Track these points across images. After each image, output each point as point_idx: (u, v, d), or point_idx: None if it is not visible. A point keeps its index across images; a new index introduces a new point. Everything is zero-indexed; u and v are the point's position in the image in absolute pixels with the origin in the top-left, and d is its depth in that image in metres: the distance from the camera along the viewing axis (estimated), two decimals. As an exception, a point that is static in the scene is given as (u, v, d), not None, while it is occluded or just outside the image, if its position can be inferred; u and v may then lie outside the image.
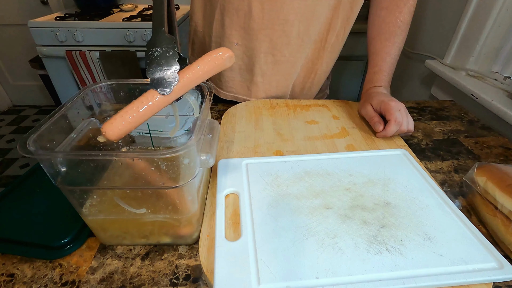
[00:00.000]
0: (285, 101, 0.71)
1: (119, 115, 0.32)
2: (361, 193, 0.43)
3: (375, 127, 0.57)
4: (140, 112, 0.33)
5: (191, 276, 0.35)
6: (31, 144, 0.29)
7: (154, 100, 0.33)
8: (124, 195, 0.34)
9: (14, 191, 0.43)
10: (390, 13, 0.64)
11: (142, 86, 0.43)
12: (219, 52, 0.35)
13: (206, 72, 0.35)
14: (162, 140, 0.46)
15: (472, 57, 0.94)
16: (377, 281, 0.32)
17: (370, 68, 0.66)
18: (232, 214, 0.40)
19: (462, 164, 0.54)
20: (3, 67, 2.29)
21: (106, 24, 1.53)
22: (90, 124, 0.40)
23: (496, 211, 0.39)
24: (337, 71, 1.75)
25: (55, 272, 0.35)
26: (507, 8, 0.83)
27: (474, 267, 0.33)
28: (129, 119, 0.32)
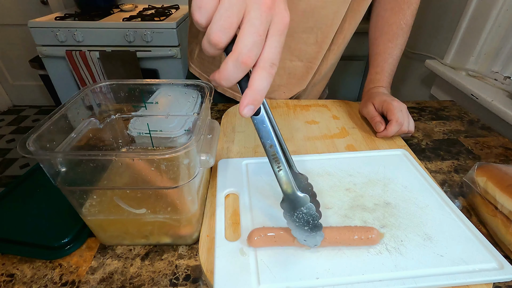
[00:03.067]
0: (285, 101, 0.71)
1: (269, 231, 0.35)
2: (361, 193, 0.43)
3: (377, 127, 0.57)
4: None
5: (191, 276, 0.35)
6: (31, 144, 0.29)
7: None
8: (124, 195, 0.34)
9: (14, 191, 0.43)
10: (394, 14, 0.64)
11: (142, 86, 0.43)
12: (372, 234, 0.35)
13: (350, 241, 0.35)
14: (162, 140, 0.46)
15: (472, 57, 0.94)
16: (377, 281, 0.32)
17: (371, 68, 0.66)
18: (232, 214, 0.40)
19: (462, 164, 0.54)
20: (3, 67, 2.29)
21: (106, 24, 1.53)
22: (90, 124, 0.40)
23: (496, 211, 0.39)
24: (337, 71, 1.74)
25: (55, 272, 0.35)
26: (507, 8, 0.83)
27: (474, 267, 0.33)
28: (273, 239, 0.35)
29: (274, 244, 0.35)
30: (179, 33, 1.56)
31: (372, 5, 0.68)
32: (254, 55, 0.26)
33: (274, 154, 0.30)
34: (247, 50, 0.25)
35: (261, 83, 0.27)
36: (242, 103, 0.27)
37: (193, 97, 0.44)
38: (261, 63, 0.26)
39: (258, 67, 0.27)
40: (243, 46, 0.25)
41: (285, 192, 0.32)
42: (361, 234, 0.34)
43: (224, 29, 0.25)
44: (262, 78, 0.27)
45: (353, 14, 0.65)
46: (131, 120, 0.45)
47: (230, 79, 0.27)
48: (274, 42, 0.27)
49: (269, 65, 0.27)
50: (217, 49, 0.27)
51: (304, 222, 0.32)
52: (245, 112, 0.27)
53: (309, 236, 0.33)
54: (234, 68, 0.26)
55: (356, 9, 0.64)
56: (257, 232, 0.35)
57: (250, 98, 0.27)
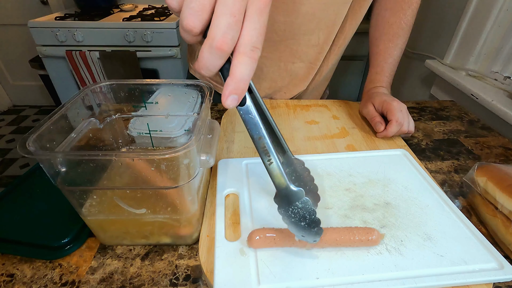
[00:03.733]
0: (285, 101, 0.71)
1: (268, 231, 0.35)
2: (361, 193, 0.43)
3: (376, 127, 0.57)
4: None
5: (191, 276, 0.35)
6: (31, 144, 0.29)
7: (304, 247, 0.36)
8: (124, 195, 0.34)
9: (14, 191, 0.43)
10: (394, 14, 0.64)
11: (142, 86, 0.43)
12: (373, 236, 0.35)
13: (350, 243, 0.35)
14: (162, 140, 0.46)
15: (472, 57, 0.94)
16: (377, 281, 0.32)
17: (372, 68, 0.66)
18: (232, 214, 0.40)
19: (462, 164, 0.54)
20: (3, 67, 2.29)
21: (106, 24, 1.53)
22: (90, 124, 0.40)
23: (496, 211, 0.39)
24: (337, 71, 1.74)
25: (55, 272, 0.35)
26: (507, 8, 0.83)
27: (474, 267, 0.33)
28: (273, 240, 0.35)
29: (274, 245, 0.35)
30: (179, 33, 1.56)
31: (373, 5, 0.68)
32: (229, 39, 0.23)
33: (264, 147, 0.29)
34: (221, 34, 0.22)
35: (242, 70, 0.24)
36: (224, 93, 0.24)
37: (193, 97, 0.44)
38: (241, 48, 0.24)
39: (238, 52, 0.24)
40: (216, 30, 0.22)
41: (278, 187, 0.30)
42: (362, 235, 0.34)
43: (195, 12, 0.23)
44: (243, 64, 0.24)
45: (353, 15, 0.65)
46: (131, 120, 0.45)
47: (209, 68, 0.24)
48: (254, 23, 0.23)
49: (250, 49, 0.24)
50: (193, 36, 0.24)
51: (300, 217, 0.31)
52: (228, 102, 0.24)
53: (307, 232, 0.32)
54: (210, 55, 0.23)
55: (357, 10, 0.64)
56: (257, 233, 0.35)
57: (232, 87, 0.24)
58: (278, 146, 0.37)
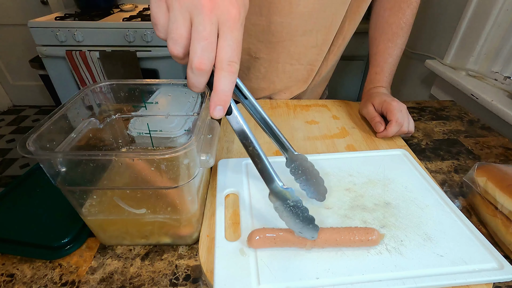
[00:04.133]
0: (285, 101, 0.71)
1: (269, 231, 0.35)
2: (361, 193, 0.43)
3: (376, 127, 0.57)
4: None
5: (191, 276, 0.35)
6: (31, 144, 0.29)
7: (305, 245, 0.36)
8: (123, 195, 0.34)
9: (14, 191, 0.43)
10: (394, 14, 0.64)
11: (142, 86, 0.43)
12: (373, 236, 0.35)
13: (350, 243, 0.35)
14: (162, 140, 0.46)
15: (472, 57, 0.94)
16: (377, 281, 0.32)
17: (371, 68, 0.66)
18: (232, 214, 0.40)
19: (462, 164, 0.54)
20: (3, 67, 2.29)
21: (106, 24, 1.53)
22: (90, 124, 0.40)
23: (496, 211, 0.39)
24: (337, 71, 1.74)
25: (55, 272, 0.35)
26: (507, 8, 0.83)
27: (474, 267, 0.33)
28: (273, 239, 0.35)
29: (274, 245, 0.35)
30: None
31: (372, 5, 0.68)
32: (206, 59, 0.26)
33: (252, 150, 0.31)
34: (198, 57, 0.26)
35: (222, 83, 0.27)
36: (210, 105, 0.28)
37: (193, 97, 0.45)
38: (218, 64, 0.27)
39: (217, 69, 0.27)
40: (193, 53, 0.26)
41: (269, 187, 0.32)
42: (362, 235, 0.34)
43: (175, 41, 0.26)
44: (222, 79, 0.27)
45: (352, 15, 0.65)
46: (131, 120, 0.45)
47: (196, 85, 0.28)
48: (227, 41, 0.27)
49: (226, 64, 0.27)
50: (180, 60, 0.28)
51: (293, 215, 0.32)
52: (215, 113, 0.28)
53: (304, 228, 0.33)
54: (193, 75, 0.27)
55: (355, 11, 0.64)
56: (257, 233, 0.35)
57: (216, 99, 0.27)
58: (279, 145, 0.38)
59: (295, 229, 0.33)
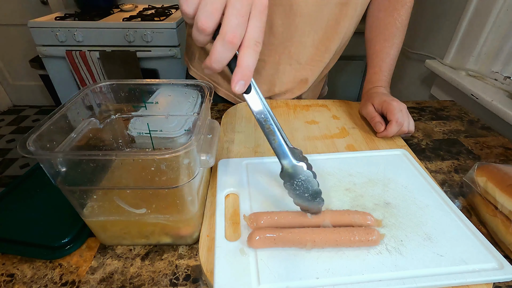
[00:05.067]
0: (285, 101, 0.71)
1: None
2: (361, 193, 0.43)
3: (376, 127, 0.57)
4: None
5: (191, 276, 0.35)
6: (31, 144, 0.29)
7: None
8: (124, 195, 0.34)
9: (14, 191, 0.43)
10: (389, 14, 0.64)
11: (142, 86, 0.43)
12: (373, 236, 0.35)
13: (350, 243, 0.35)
14: (162, 140, 0.46)
15: (472, 57, 0.94)
16: (377, 281, 0.32)
17: (370, 68, 0.67)
18: (232, 214, 0.40)
19: (462, 164, 0.54)
20: (3, 67, 2.29)
21: (106, 24, 1.53)
22: (90, 124, 0.40)
23: (496, 211, 0.39)
24: (337, 71, 1.75)
25: (55, 272, 0.35)
26: (507, 8, 0.83)
27: (474, 267, 0.33)
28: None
29: (274, 245, 0.35)
30: (179, 33, 1.56)
31: (368, 6, 0.68)
32: (239, 34, 0.28)
33: (269, 127, 0.33)
34: (232, 30, 0.27)
35: (248, 60, 0.29)
36: (233, 80, 0.29)
37: (193, 97, 0.44)
38: (246, 42, 0.29)
39: (244, 46, 0.29)
40: (228, 27, 0.28)
41: (283, 162, 0.34)
42: (362, 236, 0.34)
43: (209, 14, 0.28)
44: (249, 55, 0.29)
45: (350, 16, 0.65)
46: (131, 120, 0.45)
47: (220, 60, 0.29)
48: (256, 22, 0.29)
49: (254, 43, 0.29)
50: (205, 35, 0.29)
51: (304, 189, 0.34)
52: (237, 88, 0.29)
53: (311, 203, 0.35)
54: (222, 48, 0.28)
55: (352, 11, 0.64)
56: (257, 233, 0.35)
57: (240, 74, 0.29)
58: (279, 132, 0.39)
59: (302, 205, 0.35)
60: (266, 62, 0.68)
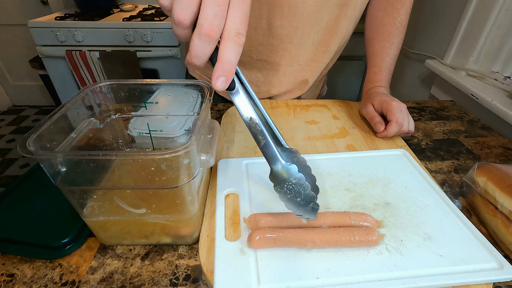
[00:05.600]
0: (285, 101, 0.71)
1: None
2: (361, 193, 0.43)
3: (376, 127, 0.57)
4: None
5: (191, 276, 0.35)
6: (31, 144, 0.29)
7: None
8: (124, 195, 0.34)
9: (14, 191, 0.43)
10: (388, 14, 0.64)
11: (142, 86, 0.43)
12: (373, 236, 0.35)
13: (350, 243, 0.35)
14: (162, 140, 0.46)
15: (472, 57, 0.94)
16: (377, 281, 0.32)
17: (369, 68, 0.67)
18: (232, 214, 0.40)
19: (462, 164, 0.54)
20: (3, 67, 2.29)
21: (106, 24, 1.53)
22: (90, 124, 0.40)
23: (496, 211, 0.39)
24: (337, 71, 1.75)
25: (55, 272, 0.35)
26: (507, 8, 0.83)
27: (474, 267, 0.33)
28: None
29: (274, 245, 0.35)
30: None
31: (367, 6, 0.68)
32: (216, 26, 0.25)
33: (255, 126, 0.30)
34: (209, 22, 0.25)
35: (228, 54, 0.26)
36: (213, 76, 0.26)
37: (193, 97, 0.45)
38: (226, 34, 0.26)
39: (224, 38, 0.26)
40: (203, 18, 0.25)
41: (271, 164, 0.31)
42: (362, 236, 0.34)
43: (185, 5, 0.25)
44: (229, 48, 0.26)
45: (349, 16, 0.65)
46: (131, 120, 0.45)
47: (200, 56, 0.26)
48: (237, 11, 0.26)
49: (234, 34, 0.26)
50: (183, 28, 0.26)
51: (295, 193, 0.31)
52: (218, 84, 0.26)
53: (304, 209, 0.32)
54: (200, 42, 0.26)
55: (351, 12, 0.64)
56: (257, 233, 0.35)
57: (220, 69, 0.26)
58: (273, 137, 0.37)
59: (294, 210, 0.32)
60: (266, 63, 0.68)
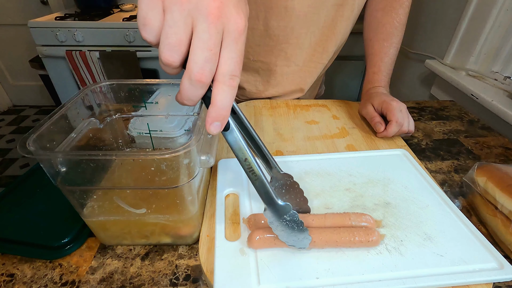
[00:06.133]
0: (285, 101, 0.71)
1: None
2: (361, 193, 0.43)
3: (376, 127, 0.57)
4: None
5: (191, 276, 0.35)
6: (31, 144, 0.29)
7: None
8: (124, 195, 0.34)
9: (14, 191, 0.43)
10: (386, 14, 0.64)
11: (142, 86, 0.43)
12: (373, 237, 0.35)
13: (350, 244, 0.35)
14: (162, 140, 0.46)
15: (472, 57, 0.94)
16: (377, 281, 0.32)
17: (369, 68, 0.67)
18: (232, 214, 0.40)
19: (462, 164, 0.54)
20: (3, 67, 2.29)
21: (106, 24, 1.53)
22: (90, 124, 0.40)
23: (496, 211, 0.39)
24: (337, 71, 1.75)
25: (55, 272, 0.35)
26: (507, 8, 0.83)
27: (474, 267, 0.33)
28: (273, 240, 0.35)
29: (274, 245, 0.35)
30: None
31: (365, 6, 0.68)
32: (207, 71, 0.24)
33: (250, 167, 0.30)
34: (199, 68, 0.23)
35: (223, 98, 0.25)
36: (207, 120, 0.25)
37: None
38: (219, 77, 0.25)
39: (217, 82, 0.25)
40: (193, 64, 0.23)
41: (266, 203, 0.32)
42: (362, 236, 0.34)
43: (173, 47, 0.24)
44: (223, 93, 0.25)
45: (346, 17, 0.65)
46: (131, 120, 0.45)
47: (191, 98, 0.25)
48: (230, 53, 0.24)
49: (228, 78, 0.25)
50: (173, 69, 0.25)
51: (289, 228, 0.32)
52: (212, 129, 0.25)
53: (296, 241, 0.33)
54: (191, 87, 0.24)
55: (349, 12, 0.64)
56: (257, 233, 0.35)
57: (214, 114, 0.25)
58: (265, 163, 0.38)
59: (288, 242, 0.33)
60: (263, 63, 0.69)
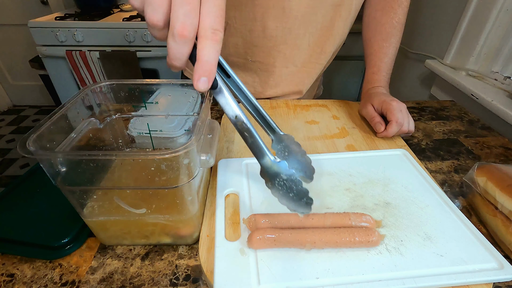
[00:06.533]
0: (285, 101, 0.71)
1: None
2: (361, 193, 0.43)
3: (376, 127, 0.57)
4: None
5: (191, 276, 0.35)
6: (31, 144, 0.29)
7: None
8: (124, 195, 0.34)
9: (14, 191, 0.43)
10: (385, 14, 0.65)
11: (142, 86, 0.43)
12: (373, 237, 0.34)
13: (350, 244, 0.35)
14: (162, 140, 0.46)
15: (472, 57, 0.94)
16: (377, 281, 0.32)
17: (368, 68, 0.67)
18: (232, 214, 0.40)
19: (462, 164, 0.54)
20: (3, 67, 2.29)
21: (106, 24, 1.53)
22: (90, 124, 0.40)
23: (496, 211, 0.39)
24: (336, 71, 1.75)
25: (55, 272, 0.35)
26: (507, 8, 0.83)
27: (474, 267, 0.33)
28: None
29: (274, 246, 0.35)
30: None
31: (363, 6, 0.68)
32: (189, 25, 0.24)
33: (241, 124, 0.30)
34: (180, 22, 0.24)
35: (207, 53, 0.25)
36: (194, 77, 0.25)
37: (193, 97, 0.45)
38: (201, 32, 0.25)
39: (200, 37, 0.25)
40: (175, 19, 0.24)
41: (260, 162, 0.31)
42: (362, 237, 0.34)
43: (156, 7, 0.24)
44: (207, 47, 0.25)
45: (344, 17, 0.65)
46: (131, 120, 0.45)
47: (178, 57, 0.26)
48: (210, 7, 0.25)
49: (211, 32, 0.25)
50: (159, 30, 0.26)
51: (287, 189, 0.31)
52: (200, 85, 0.26)
53: (298, 204, 0.32)
54: (175, 44, 0.25)
55: (347, 13, 0.64)
56: (257, 233, 0.35)
57: (201, 70, 0.25)
58: (266, 126, 0.37)
59: (288, 205, 0.32)
60: (261, 64, 0.69)
